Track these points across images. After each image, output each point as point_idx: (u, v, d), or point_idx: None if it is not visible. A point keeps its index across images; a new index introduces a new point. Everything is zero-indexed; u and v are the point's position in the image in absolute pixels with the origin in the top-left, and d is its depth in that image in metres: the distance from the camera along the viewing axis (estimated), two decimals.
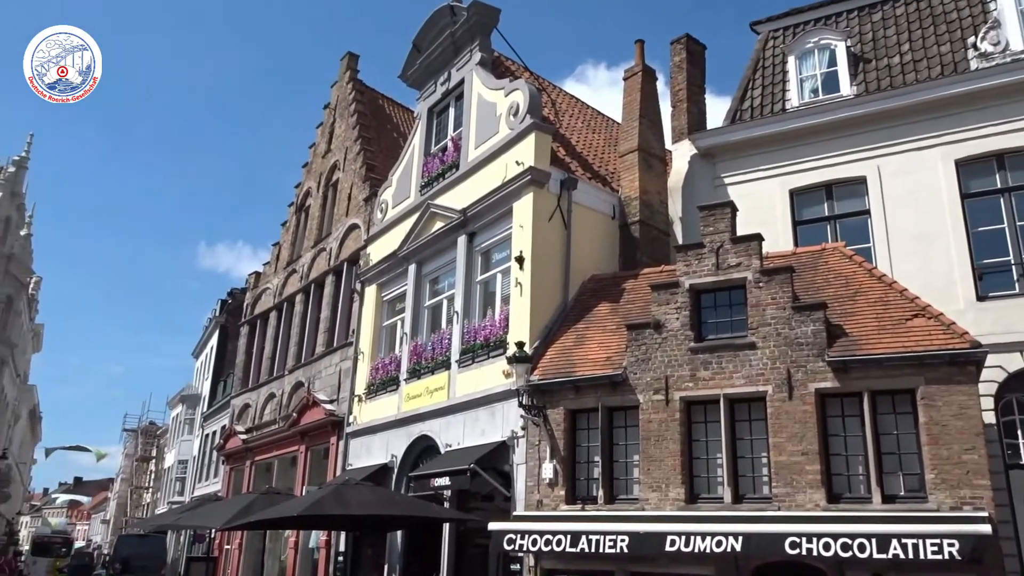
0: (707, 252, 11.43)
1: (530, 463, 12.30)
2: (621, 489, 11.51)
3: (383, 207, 19.28)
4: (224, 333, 42.87)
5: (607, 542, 9.94)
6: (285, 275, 25.14)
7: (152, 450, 63.05)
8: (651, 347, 11.45)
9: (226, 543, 24.74)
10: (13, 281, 34.19)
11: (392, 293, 18.26)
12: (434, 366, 15.54)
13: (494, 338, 13.94)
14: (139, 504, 63.66)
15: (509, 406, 12.91)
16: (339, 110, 24.37)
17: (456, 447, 13.99)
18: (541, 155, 14.18)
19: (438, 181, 17.01)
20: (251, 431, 24.25)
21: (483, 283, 15.27)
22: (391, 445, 16.22)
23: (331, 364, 20.18)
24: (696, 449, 10.99)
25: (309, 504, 11.46)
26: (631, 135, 15.97)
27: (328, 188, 23.91)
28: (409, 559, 15.30)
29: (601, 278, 14.36)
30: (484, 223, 15.10)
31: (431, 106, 18.42)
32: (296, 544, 19.45)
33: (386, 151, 22.14)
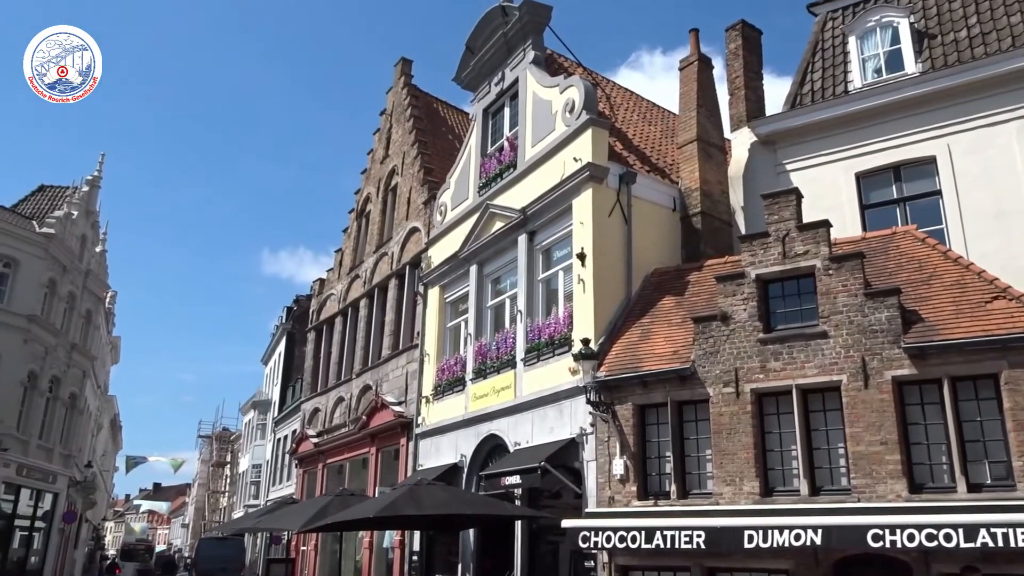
0: (773, 241, 11.24)
1: (600, 460, 12.29)
2: (694, 484, 11.42)
3: (442, 209, 19.47)
4: (291, 339, 43.84)
5: (682, 538, 9.87)
6: (349, 280, 25.60)
7: (227, 455, 64.92)
8: (719, 339, 11.32)
9: (302, 544, 25.33)
10: (91, 296, 35.53)
11: (455, 294, 18.43)
12: (499, 365, 15.63)
13: (558, 336, 13.95)
14: (216, 508, 65.62)
15: (577, 403, 12.92)
16: (395, 115, 24.68)
17: (525, 445, 14.06)
18: (599, 150, 14.14)
19: (496, 181, 17.10)
20: (322, 434, 24.77)
21: (545, 281, 15.30)
22: (460, 445, 16.38)
23: (397, 366, 20.48)
24: (769, 441, 10.82)
25: (385, 505, 11.66)
26: (689, 125, 15.80)
27: (387, 193, 24.25)
28: (482, 557, 15.44)
29: (664, 272, 14.25)
30: (544, 221, 15.13)
31: (486, 107, 18.53)
32: (371, 544, 19.80)
33: (443, 154, 22.34)
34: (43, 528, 32.34)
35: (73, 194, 33.73)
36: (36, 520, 31.72)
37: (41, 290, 29.92)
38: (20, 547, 30.65)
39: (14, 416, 28.33)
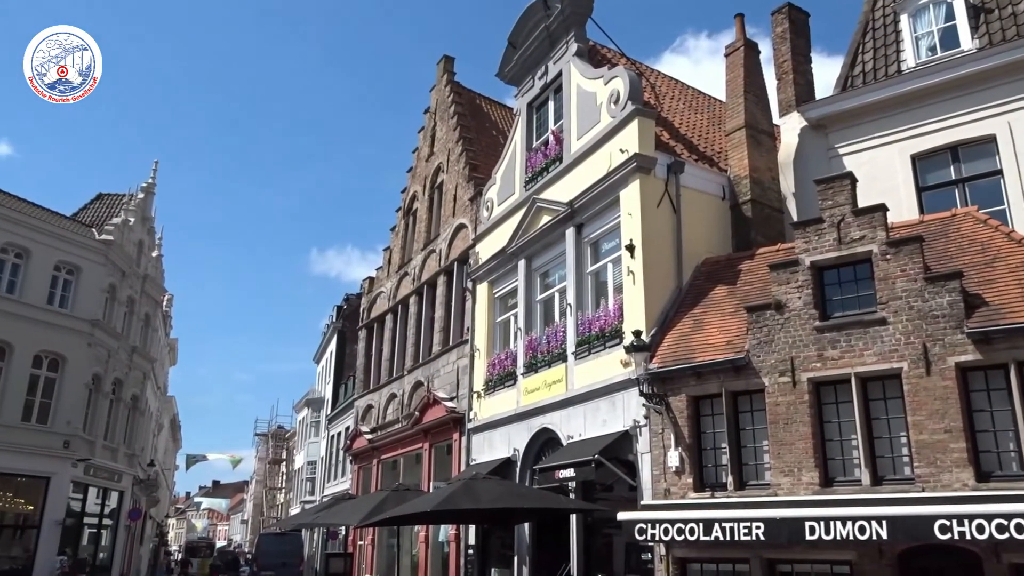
0: (827, 227, 11.04)
1: (655, 452, 12.23)
2: (751, 475, 11.29)
3: (489, 205, 19.55)
4: (342, 338, 44.50)
5: (741, 529, 9.75)
6: (398, 278, 25.86)
7: (282, 452, 66.20)
8: (773, 328, 11.16)
9: (359, 539, 25.72)
10: (149, 300, 36.54)
11: (503, 289, 18.49)
12: (550, 359, 15.65)
13: (609, 328, 13.91)
14: (273, 504, 66.98)
15: (629, 395, 12.87)
16: (439, 113, 24.84)
17: (578, 438, 14.06)
18: (645, 141, 14.04)
19: (542, 175, 17.10)
20: (376, 431, 25.10)
21: (594, 274, 15.26)
22: (512, 439, 16.45)
23: (448, 362, 20.64)
24: (828, 431, 10.64)
25: (442, 499, 11.78)
26: (737, 112, 15.59)
27: (433, 190, 24.42)
28: (538, 550, 15.49)
29: (715, 261, 14.10)
30: (591, 214, 15.08)
31: (530, 101, 18.53)
32: (427, 539, 20.02)
33: (487, 150, 22.41)
34: (110, 525, 33.42)
35: (129, 201, 34.69)
36: (104, 518, 32.79)
37: (102, 295, 30.84)
38: (89, 544, 31.73)
39: (80, 417, 29.30)
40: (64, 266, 29.46)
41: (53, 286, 29.02)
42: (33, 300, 28.06)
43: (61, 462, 28.04)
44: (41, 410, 27.98)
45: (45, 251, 28.74)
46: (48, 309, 28.60)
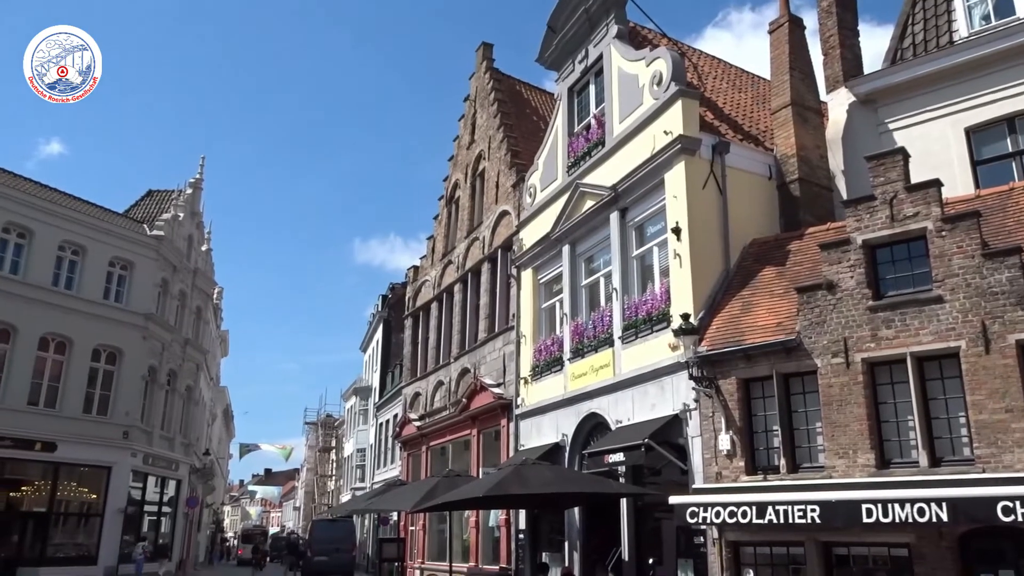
0: (879, 204, 10.81)
1: (705, 435, 12.17)
2: (804, 457, 11.17)
3: (531, 191, 19.54)
4: (388, 326, 44.97)
5: (796, 512, 9.67)
6: (442, 267, 26.03)
7: (332, 440, 67.32)
8: (825, 309, 10.99)
9: (410, 525, 26.09)
10: (200, 293, 37.39)
11: (548, 275, 18.50)
12: (597, 344, 15.64)
13: (656, 312, 13.84)
14: (324, 491, 68.19)
15: (678, 379, 12.81)
16: (479, 100, 24.85)
17: (626, 423, 14.04)
18: (689, 122, 13.88)
19: (585, 160, 17.03)
20: (424, 418, 25.37)
21: (639, 258, 15.18)
22: (560, 424, 16.50)
23: (494, 349, 20.75)
24: (883, 412, 10.47)
25: (493, 484, 11.88)
26: (782, 90, 15.31)
27: (475, 178, 24.48)
28: (588, 535, 15.55)
29: (763, 242, 13.91)
30: (636, 197, 14.98)
31: (571, 86, 18.43)
32: (477, 524, 20.23)
33: (529, 136, 22.38)
34: (169, 513, 34.43)
35: (178, 197, 35.45)
36: (163, 505, 33.79)
37: (155, 289, 31.63)
38: (150, 531, 32.73)
39: (138, 409, 30.17)
40: (118, 262, 30.26)
41: (108, 281, 29.85)
42: (90, 295, 28.90)
43: (121, 452, 28.93)
44: (101, 402, 28.88)
45: (100, 248, 29.55)
46: (104, 304, 29.44)
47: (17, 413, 26.11)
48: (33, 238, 27.52)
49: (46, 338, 27.44)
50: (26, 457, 26.62)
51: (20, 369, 26.53)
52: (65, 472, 27.83)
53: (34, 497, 27.27)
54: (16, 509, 26.75)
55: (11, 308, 26.29)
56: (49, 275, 27.93)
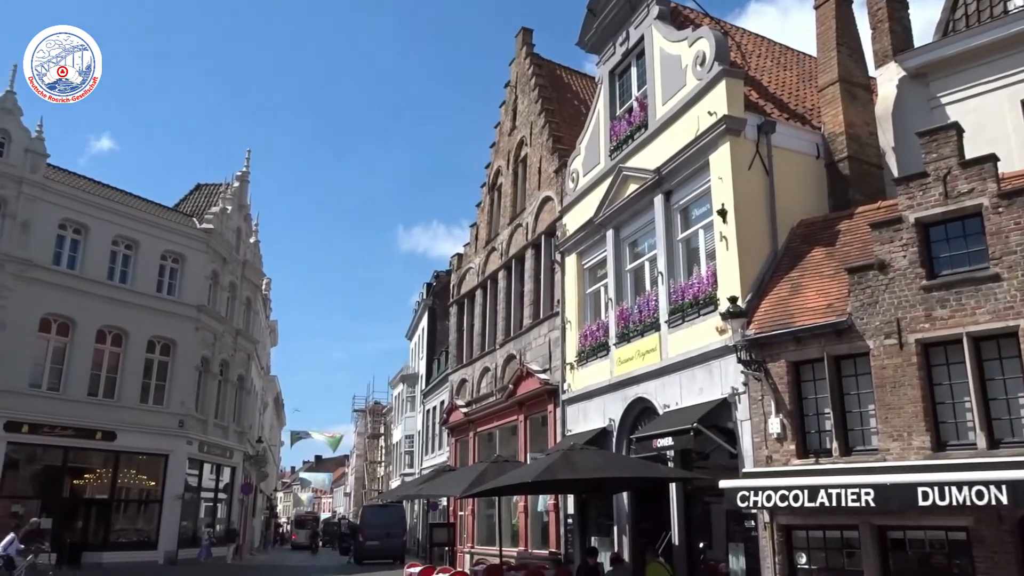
0: (932, 181, 10.55)
1: (755, 419, 12.07)
2: (857, 440, 11.01)
3: (574, 176, 19.47)
4: (433, 314, 45.32)
5: (849, 496, 9.55)
6: (486, 253, 26.12)
7: (380, 427, 68.26)
8: (877, 289, 10.79)
9: (459, 510, 26.38)
10: (250, 284, 38.14)
11: (592, 260, 18.45)
12: (643, 328, 15.57)
13: (703, 295, 13.73)
14: (374, 477, 69.24)
15: (726, 363, 12.71)
16: (519, 86, 24.80)
17: (674, 407, 13.99)
18: (734, 102, 13.69)
19: (627, 143, 16.91)
20: (471, 404, 25.57)
21: (685, 241, 15.05)
22: (607, 409, 16.50)
23: (540, 335, 20.79)
24: (939, 394, 10.25)
25: (542, 470, 11.95)
26: (829, 66, 14.99)
27: (517, 164, 24.48)
28: (637, 519, 15.56)
29: (811, 222, 13.68)
30: (680, 180, 14.84)
31: (612, 68, 18.28)
32: (526, 508, 20.37)
33: (570, 121, 22.28)
34: (225, 499, 35.32)
35: (226, 190, 36.13)
36: (219, 492, 34.69)
37: (206, 282, 32.36)
38: (207, 516, 33.66)
39: (192, 398, 30.97)
40: (170, 255, 31.01)
41: (161, 275, 30.65)
42: (143, 288, 29.70)
43: (177, 440, 29.76)
44: (156, 392, 29.73)
45: (152, 242, 30.32)
46: (158, 296, 30.23)
47: (78, 404, 27.01)
48: (88, 234, 28.33)
49: (103, 331, 28.29)
50: (88, 446, 27.56)
51: (79, 361, 27.42)
52: (125, 460, 28.74)
53: (96, 484, 28.23)
54: (80, 496, 27.74)
55: (69, 302, 27.16)
56: (104, 269, 28.75)
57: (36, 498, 26.49)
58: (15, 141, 26.48)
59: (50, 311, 26.75)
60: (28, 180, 26.50)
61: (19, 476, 26.32)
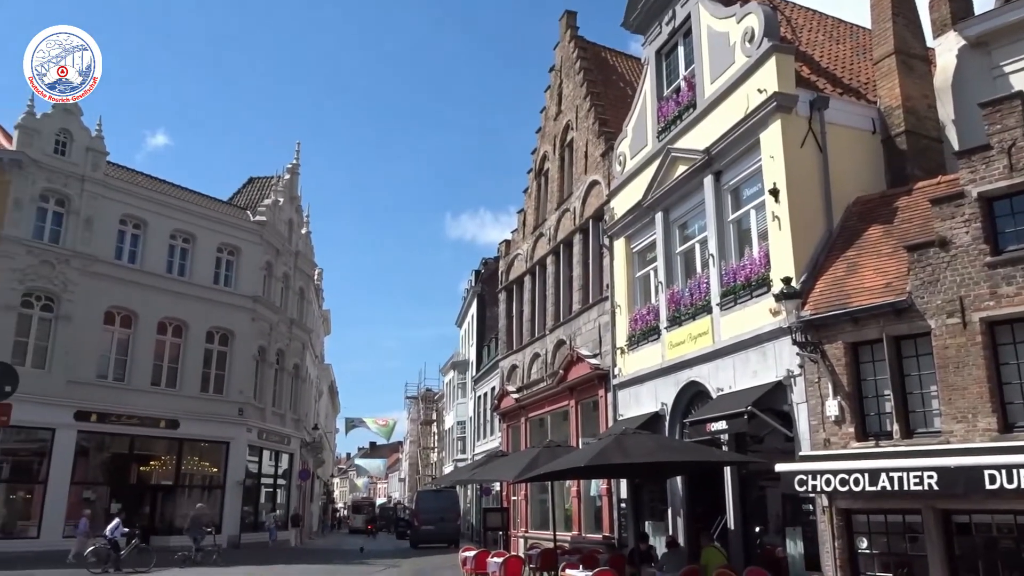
0: (996, 154, 10.15)
1: (811, 401, 11.84)
2: (918, 422, 10.72)
3: (621, 159, 19.29)
4: (482, 301, 45.56)
5: (911, 479, 9.30)
6: (534, 239, 26.09)
7: (432, 414, 69.00)
8: (938, 267, 10.46)
9: (512, 495, 26.54)
10: (302, 275, 38.82)
11: (641, 244, 18.28)
12: (694, 311, 15.40)
13: (755, 277, 13.50)
14: (427, 463, 70.11)
15: (781, 345, 12.49)
16: (564, 70, 24.62)
17: (728, 391, 13.81)
18: (785, 78, 13.36)
19: (675, 124, 16.67)
20: (522, 390, 25.65)
21: (736, 222, 14.79)
22: (659, 393, 16.38)
23: (589, 320, 20.72)
24: (1005, 374, 9.90)
25: (595, 454, 11.93)
26: (885, 38, 14.51)
27: (564, 149, 24.35)
28: (692, 503, 15.45)
29: (868, 200, 13.31)
30: (730, 160, 14.58)
31: (658, 49, 18.02)
32: (578, 493, 20.40)
33: (616, 103, 22.05)
34: (284, 485, 36.17)
35: (277, 183, 36.75)
36: (278, 478, 35.53)
37: (260, 273, 33.04)
38: (267, 502, 34.52)
39: (250, 387, 31.72)
40: (225, 247, 31.74)
41: (217, 267, 31.41)
42: (201, 280, 30.48)
43: (237, 428, 30.54)
44: (216, 381, 30.54)
45: (208, 235, 31.06)
46: (215, 288, 31.01)
47: (142, 393, 27.92)
48: (147, 228, 29.14)
49: (164, 322, 29.14)
50: (152, 434, 28.49)
51: (142, 352, 28.31)
52: (188, 447, 29.64)
53: (162, 471, 29.19)
54: (146, 482, 28.72)
55: (132, 295, 28.03)
56: (163, 263, 29.58)
57: (106, 484, 27.53)
58: (76, 140, 27.32)
59: (113, 304, 27.64)
60: (90, 178, 27.34)
61: (89, 463, 27.35)
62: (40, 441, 25.50)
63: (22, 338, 25.29)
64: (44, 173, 26.25)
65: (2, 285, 24.77)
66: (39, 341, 25.72)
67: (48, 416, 24.73)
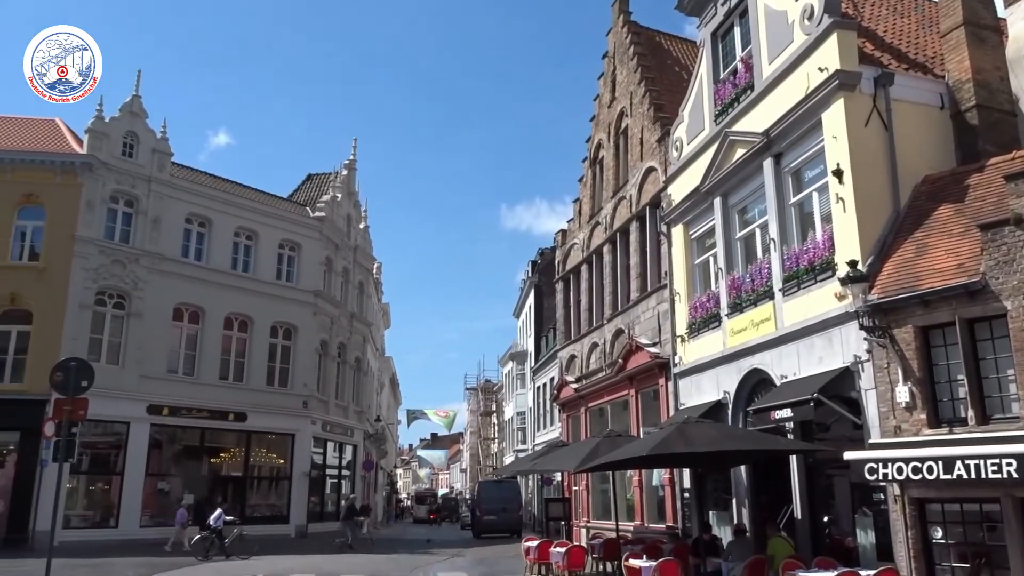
0: None
1: (880, 388, 11.50)
2: (995, 408, 10.31)
3: (678, 145, 19.00)
4: (539, 292, 45.54)
5: (988, 466, 8.98)
6: (590, 228, 25.94)
7: (492, 405, 69.40)
8: (1014, 246, 10.02)
9: (573, 485, 26.52)
10: (361, 269, 39.41)
11: (700, 230, 18.00)
12: (756, 298, 15.10)
13: (819, 261, 13.15)
14: (488, 454, 70.60)
15: (847, 330, 12.15)
16: (618, 56, 24.36)
17: (792, 378, 13.51)
18: (847, 55, 12.94)
19: (733, 107, 16.33)
20: (580, 380, 25.57)
21: (797, 205, 14.43)
22: (721, 381, 16.14)
23: (648, 308, 20.51)
24: None
25: (656, 443, 11.81)
26: (953, 9, 13.94)
27: (618, 136, 24.11)
28: (757, 493, 15.20)
29: (937, 178, 12.83)
30: (790, 141, 14.21)
31: (714, 30, 17.66)
32: (640, 483, 20.25)
33: (671, 88, 21.72)
34: (348, 476, 36.86)
35: (335, 178, 37.32)
36: (342, 469, 36.23)
37: (320, 268, 33.66)
38: (332, 492, 35.24)
39: (314, 380, 32.38)
40: (287, 244, 32.42)
41: (279, 263, 32.13)
42: (264, 276, 31.22)
43: (302, 420, 31.23)
44: (281, 374, 31.29)
45: (270, 231, 31.78)
46: (277, 283, 31.72)
47: (211, 387, 28.76)
48: (212, 227, 29.95)
49: (230, 317, 29.96)
50: (221, 427, 29.34)
51: (210, 347, 29.15)
52: (256, 440, 30.47)
53: (231, 463, 30.06)
54: (217, 474, 29.61)
55: (199, 292, 28.87)
56: (228, 259, 30.39)
57: (178, 476, 28.48)
58: (143, 142, 28.21)
59: (181, 301, 28.52)
60: (156, 179, 28.22)
61: (162, 456, 28.34)
62: (116, 434, 26.51)
63: (97, 335, 26.28)
64: (113, 175, 27.18)
65: (77, 284, 25.77)
66: (112, 338, 26.70)
67: (123, 410, 25.69)
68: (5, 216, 25.86)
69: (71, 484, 24.74)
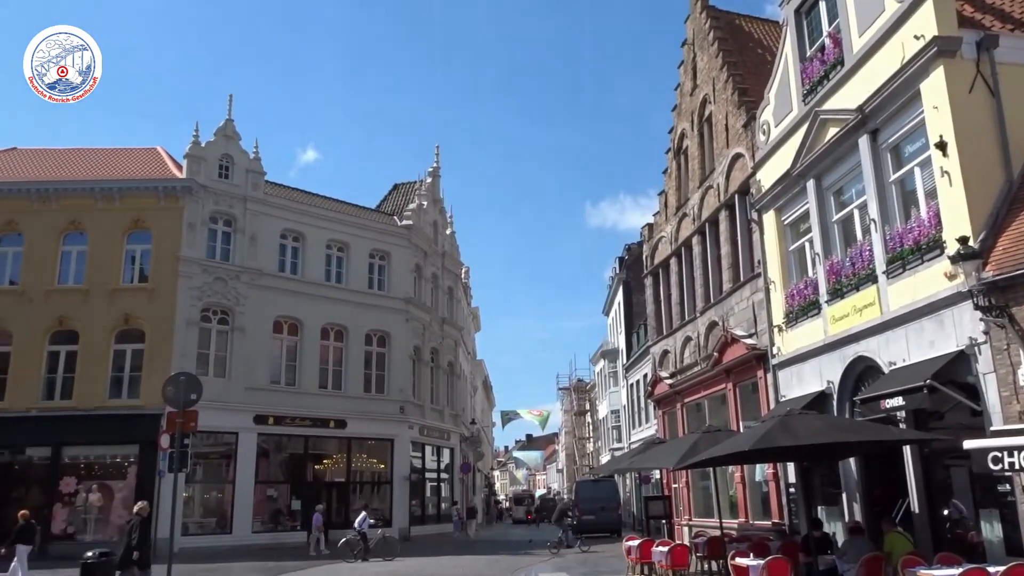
0: None
1: (1000, 371, 10.78)
2: None
3: (765, 128, 18.40)
4: (628, 288, 45.08)
5: None
6: (677, 220, 25.44)
7: (585, 404, 69.08)
8: None
9: (672, 482, 26.04)
10: (450, 274, 39.91)
11: (793, 215, 17.36)
12: (857, 282, 14.43)
13: (925, 239, 12.44)
14: (584, 453, 70.28)
15: (960, 311, 11.45)
16: (697, 43, 23.82)
17: (901, 364, 12.83)
18: (944, 20, 12.20)
19: (822, 84, 15.68)
20: (675, 375, 25.10)
21: (898, 182, 13.71)
22: (824, 371, 15.50)
23: (741, 299, 19.95)
24: None
25: (759, 437, 11.40)
26: None
27: (702, 124, 23.56)
28: (868, 486, 14.52)
29: None
30: (887, 116, 13.51)
31: (796, 7, 17.00)
32: (743, 479, 19.69)
33: (755, 71, 21.06)
34: (447, 479, 37.33)
35: (420, 187, 37.92)
36: (440, 472, 36.73)
37: (410, 275, 34.25)
38: (432, 495, 35.76)
39: (409, 385, 32.95)
40: (377, 253, 33.14)
41: (370, 272, 32.88)
42: (356, 286, 31.99)
43: (399, 425, 31.83)
44: (377, 381, 31.98)
45: (361, 242, 32.56)
46: (369, 292, 32.45)
47: (311, 396, 29.67)
48: (305, 241, 30.90)
49: (326, 328, 30.84)
50: (323, 434, 30.23)
51: (309, 357, 30.07)
52: (356, 446, 31.25)
53: (334, 469, 30.92)
54: (321, 480, 30.51)
55: (296, 304, 29.85)
56: (321, 271, 31.30)
57: (285, 483, 29.49)
58: (237, 164, 29.38)
59: (280, 314, 29.53)
60: (251, 198, 29.33)
61: (270, 463, 29.40)
62: (226, 444, 27.67)
63: (204, 350, 27.51)
64: (212, 196, 28.40)
65: (184, 303, 27.04)
66: (218, 352, 27.89)
67: (231, 421, 26.79)
68: (116, 242, 27.41)
69: (187, 493, 25.94)
